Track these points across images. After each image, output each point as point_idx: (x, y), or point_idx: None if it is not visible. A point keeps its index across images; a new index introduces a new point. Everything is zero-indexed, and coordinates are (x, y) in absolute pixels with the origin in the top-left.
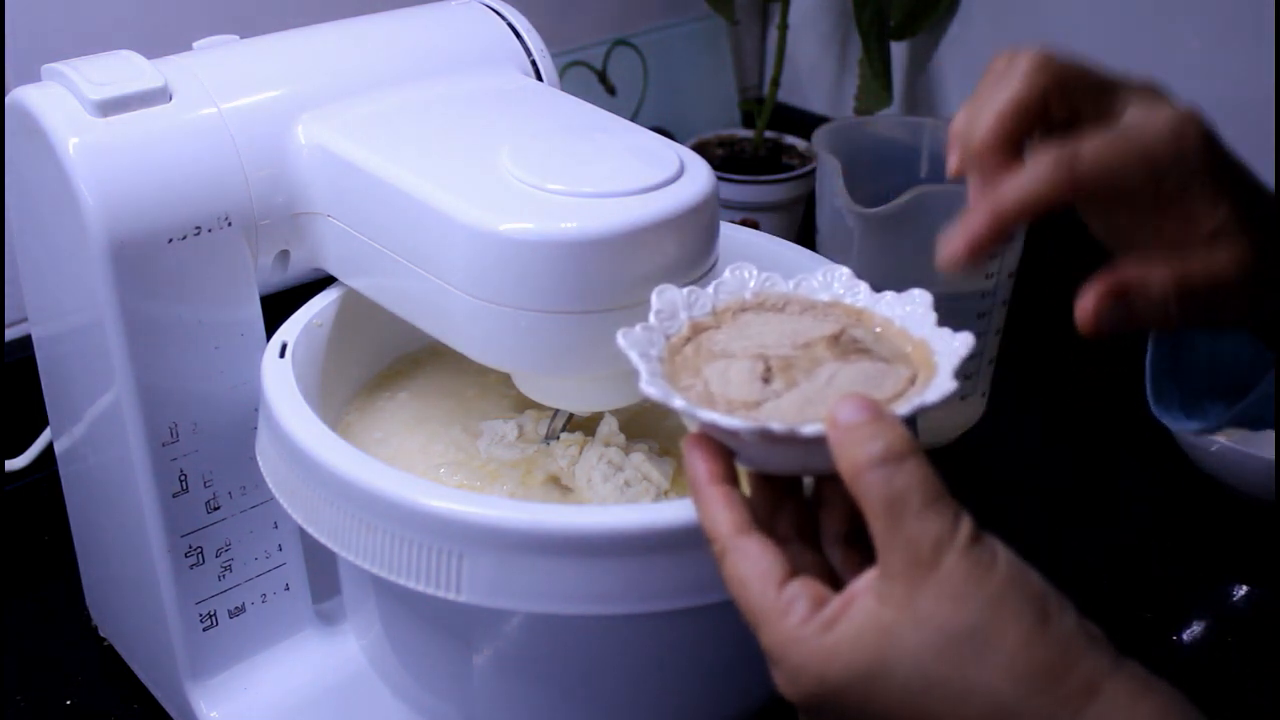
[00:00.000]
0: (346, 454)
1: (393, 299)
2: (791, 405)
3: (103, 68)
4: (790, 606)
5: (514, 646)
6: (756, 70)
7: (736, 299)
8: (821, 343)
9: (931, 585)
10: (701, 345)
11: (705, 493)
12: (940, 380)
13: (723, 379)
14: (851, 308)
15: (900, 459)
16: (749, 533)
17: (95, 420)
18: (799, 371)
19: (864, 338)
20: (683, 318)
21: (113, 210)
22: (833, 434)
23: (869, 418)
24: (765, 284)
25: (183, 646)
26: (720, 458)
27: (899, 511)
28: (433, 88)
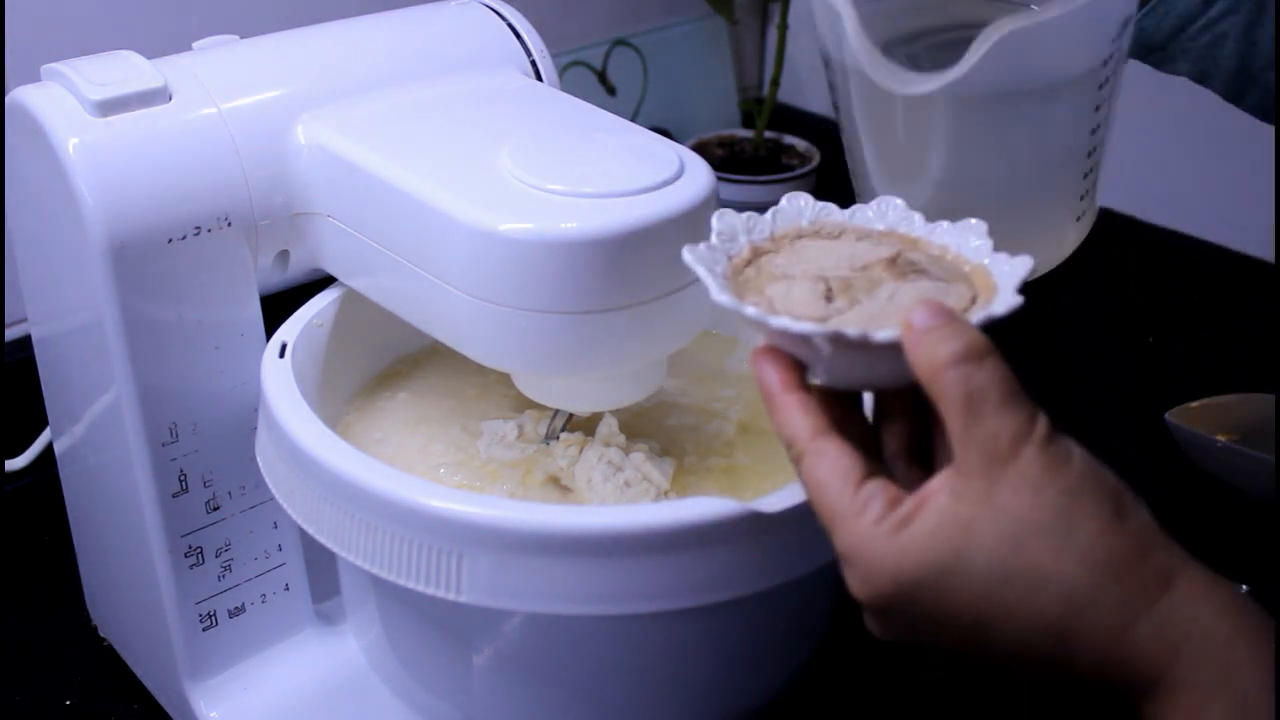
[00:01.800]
0: (346, 454)
1: (393, 299)
2: (856, 320)
3: (103, 68)
4: (866, 506)
5: (514, 647)
6: (756, 70)
7: (793, 226)
8: (879, 265)
9: (1009, 478)
10: (762, 268)
11: (780, 400)
12: (1005, 295)
13: (786, 298)
14: (907, 236)
15: (980, 356)
16: (827, 435)
17: (95, 420)
18: (859, 291)
19: (921, 260)
20: (743, 240)
21: (113, 210)
22: (909, 337)
23: (945, 320)
24: (821, 213)
25: (182, 646)
26: (791, 366)
27: (978, 407)
28: (433, 88)
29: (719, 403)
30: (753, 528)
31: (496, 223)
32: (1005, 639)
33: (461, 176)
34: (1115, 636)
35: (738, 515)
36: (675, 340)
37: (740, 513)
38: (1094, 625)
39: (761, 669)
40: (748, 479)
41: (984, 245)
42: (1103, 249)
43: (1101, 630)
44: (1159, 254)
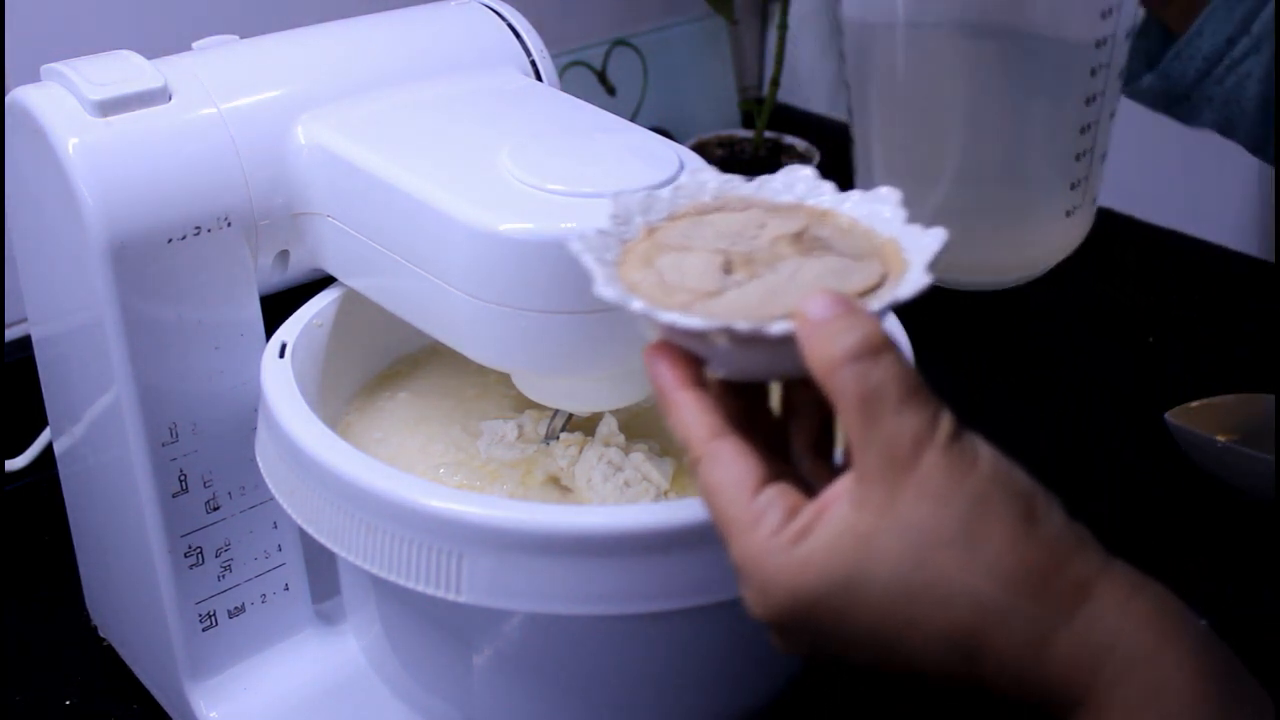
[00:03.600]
0: (346, 454)
1: (392, 299)
2: (754, 296)
3: (102, 68)
4: (762, 515)
5: (514, 646)
6: (756, 70)
7: (695, 202)
8: (784, 239)
9: (911, 486)
10: (657, 242)
11: (674, 398)
12: (913, 275)
13: (678, 269)
14: (815, 209)
15: (876, 353)
16: (724, 436)
17: (95, 420)
18: (760, 265)
19: (828, 235)
20: (638, 222)
21: (112, 210)
22: (802, 329)
23: (841, 311)
24: (725, 186)
25: (182, 646)
26: (686, 363)
27: (875, 408)
28: (433, 88)
29: None
30: None
31: (496, 223)
32: (914, 656)
33: (461, 176)
34: (1031, 653)
35: None
36: None
37: None
38: (1007, 642)
39: (761, 669)
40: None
41: (896, 216)
42: (1102, 249)
43: (1015, 647)
44: (1159, 254)
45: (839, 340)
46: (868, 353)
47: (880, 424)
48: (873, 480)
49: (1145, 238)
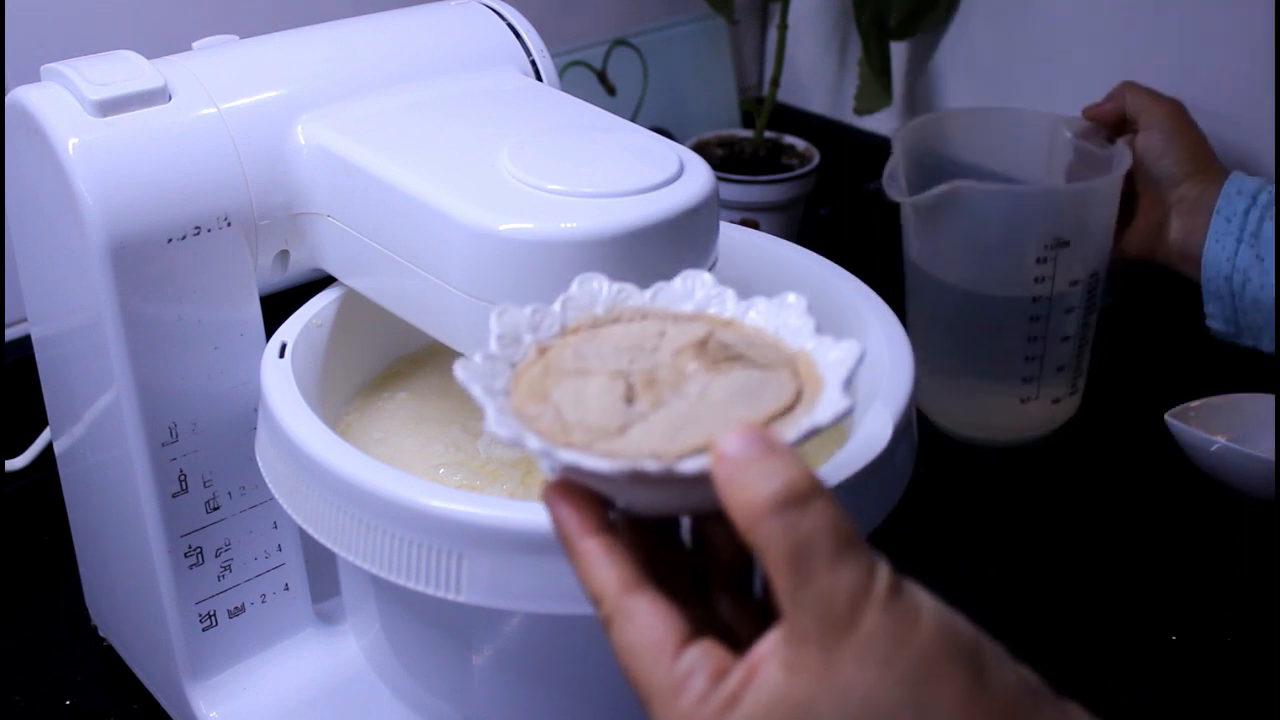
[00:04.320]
0: (346, 454)
1: (392, 299)
2: (661, 428)
3: (102, 68)
4: (686, 681)
5: (514, 646)
6: (756, 70)
7: (587, 315)
8: (687, 350)
9: (850, 648)
10: (550, 366)
11: (579, 548)
12: (830, 396)
13: (577, 402)
14: (718, 318)
15: (804, 500)
16: (637, 590)
17: (95, 420)
18: (665, 387)
19: (735, 342)
20: (528, 341)
21: (112, 210)
22: (720, 471)
23: (761, 451)
24: (619, 296)
25: (182, 646)
26: (590, 504)
27: (806, 563)
28: (432, 88)
29: None
30: None
31: (496, 222)
32: None
33: (461, 176)
34: None
35: None
36: None
37: None
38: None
39: None
40: None
41: (805, 326)
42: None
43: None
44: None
45: (761, 486)
46: (795, 500)
47: (813, 580)
48: (807, 642)
49: None
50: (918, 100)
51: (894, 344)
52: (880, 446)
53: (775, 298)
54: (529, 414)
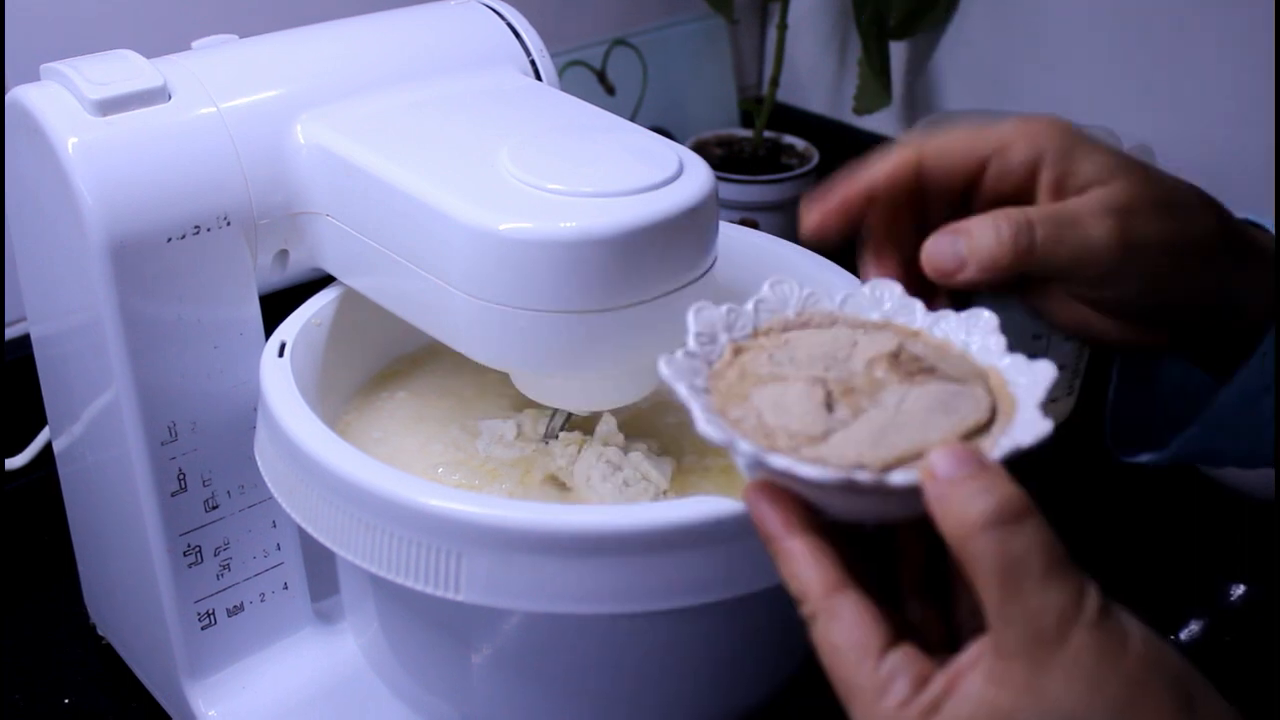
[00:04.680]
0: (345, 453)
1: (392, 299)
2: (863, 436)
3: (102, 67)
4: (889, 684)
5: (512, 646)
6: (755, 70)
7: (779, 318)
8: (881, 361)
9: (1058, 666)
10: (746, 368)
11: (786, 546)
12: (1029, 417)
13: (777, 408)
14: (905, 329)
15: (1018, 519)
16: (842, 591)
17: (94, 419)
18: (862, 395)
19: (926, 354)
20: (723, 340)
21: (112, 209)
22: (932, 489)
23: (973, 469)
24: (809, 301)
25: (181, 645)
26: (794, 504)
27: (1017, 579)
28: (432, 88)
29: None
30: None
31: (496, 222)
32: None
33: (461, 176)
34: None
35: (736, 514)
36: (674, 340)
37: (739, 512)
38: None
39: (760, 667)
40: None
41: (996, 344)
42: None
43: None
44: None
45: (974, 503)
46: (1008, 518)
47: (1022, 597)
48: (1013, 655)
49: None
50: (917, 100)
51: None
52: None
53: (966, 312)
54: (731, 416)
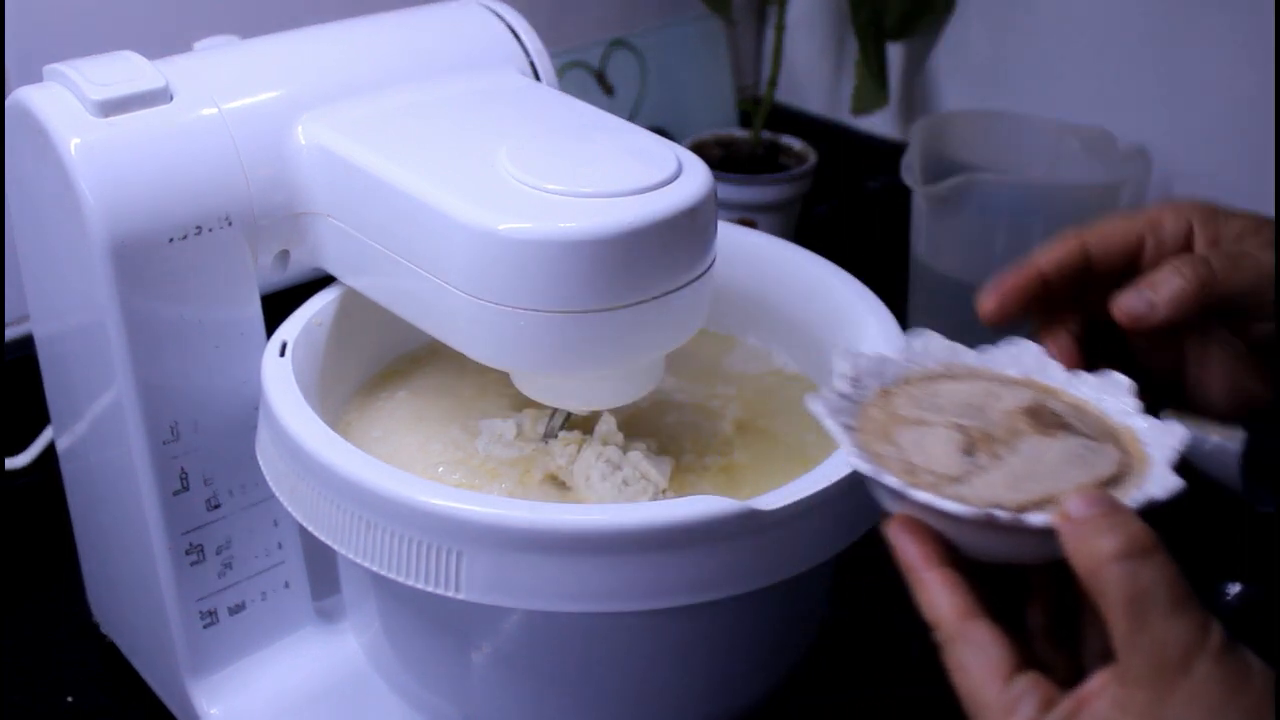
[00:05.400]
0: (346, 452)
1: (392, 299)
2: (1001, 480)
3: (104, 68)
4: (1016, 704)
5: (513, 644)
6: (754, 70)
7: (924, 369)
8: (1019, 414)
9: (1182, 694)
10: (893, 411)
11: (924, 577)
12: (1161, 472)
13: (920, 449)
14: (1043, 386)
15: (1145, 553)
16: (975, 618)
17: (96, 419)
18: (1000, 444)
19: (1063, 411)
20: (873, 385)
21: (113, 210)
22: (1065, 527)
23: (1105, 509)
24: (951, 354)
25: (183, 644)
26: (933, 539)
27: (1144, 610)
28: (432, 88)
29: (717, 401)
30: (750, 526)
31: (495, 222)
32: None
33: (460, 176)
34: None
35: (735, 513)
36: (673, 339)
37: (737, 511)
38: None
39: (759, 666)
40: (745, 477)
41: (1130, 405)
42: None
43: None
44: None
45: (1105, 538)
46: (1136, 553)
47: (1149, 627)
48: (1138, 683)
49: None
50: (914, 101)
51: (891, 343)
52: None
53: (1101, 374)
54: (877, 452)
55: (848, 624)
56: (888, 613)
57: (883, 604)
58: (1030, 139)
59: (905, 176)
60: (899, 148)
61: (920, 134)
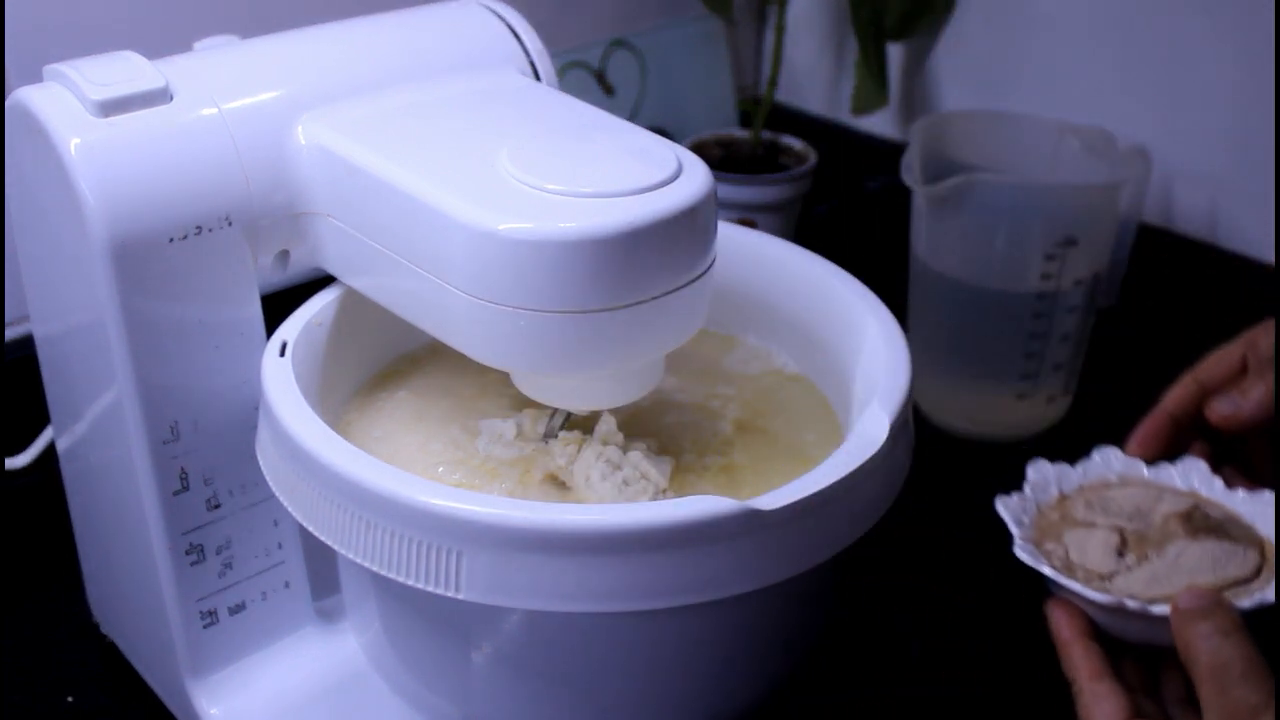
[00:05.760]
0: (346, 452)
1: (392, 299)
2: (1140, 579)
3: (104, 68)
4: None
5: (513, 644)
6: (754, 70)
7: (1101, 479)
8: (1176, 519)
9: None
10: (1067, 512)
11: (1071, 646)
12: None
13: (1081, 548)
14: (1204, 497)
15: (1226, 633)
16: (1103, 678)
17: (96, 419)
18: (1150, 546)
19: (1217, 515)
20: (1054, 491)
21: (114, 210)
22: (1174, 615)
23: (1206, 603)
24: (1128, 467)
25: (183, 644)
26: (1079, 616)
27: (1222, 677)
28: (432, 88)
29: (717, 401)
30: (750, 526)
31: (496, 222)
32: None
33: (460, 176)
34: None
35: (735, 513)
36: (673, 339)
37: (738, 511)
38: None
39: (759, 666)
40: (745, 477)
41: (1271, 518)
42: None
43: None
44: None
45: (1200, 623)
46: (1219, 632)
47: (1226, 691)
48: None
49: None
50: (914, 101)
51: (891, 343)
52: (877, 446)
53: (1256, 492)
54: (1045, 548)
55: (848, 624)
56: (888, 613)
57: (883, 604)
58: (1030, 139)
59: (905, 176)
60: (899, 148)
61: (920, 134)
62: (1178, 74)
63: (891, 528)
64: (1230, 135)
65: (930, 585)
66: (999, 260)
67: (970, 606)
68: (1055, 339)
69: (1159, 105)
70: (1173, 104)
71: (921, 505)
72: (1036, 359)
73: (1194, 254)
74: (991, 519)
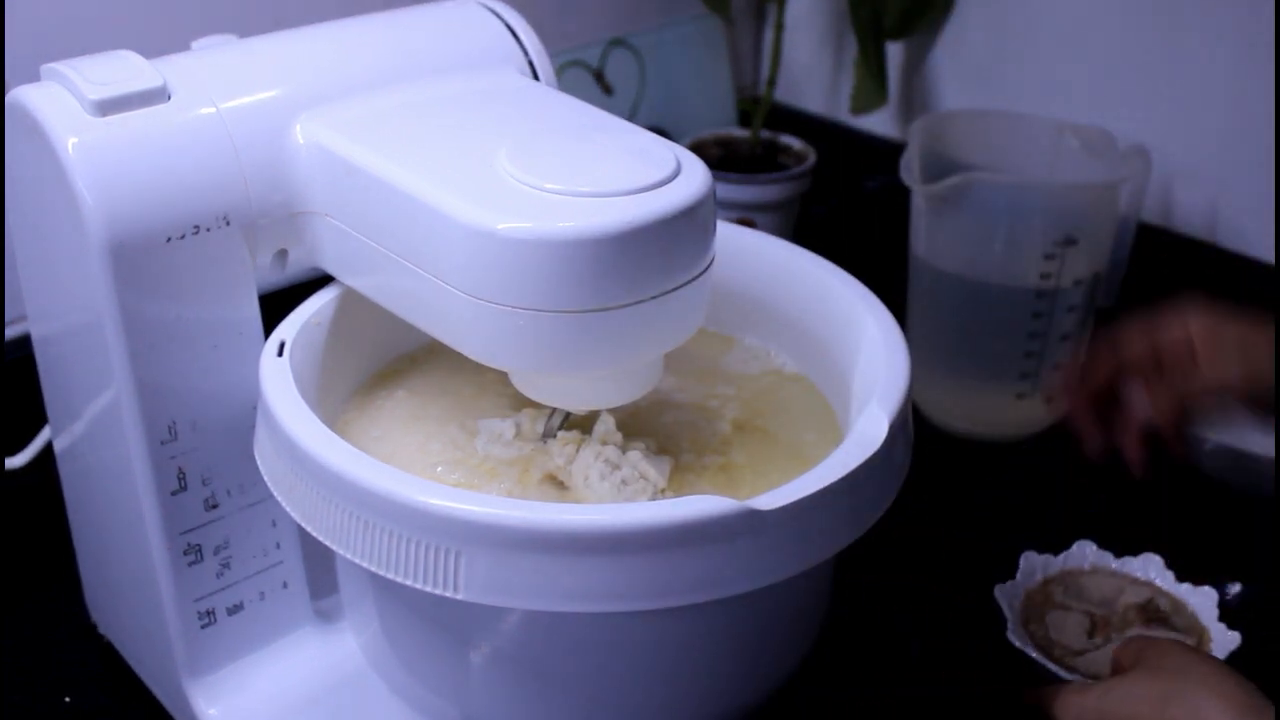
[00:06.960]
0: (344, 452)
1: (391, 298)
2: (1105, 657)
3: (102, 67)
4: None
5: (512, 644)
6: (753, 70)
7: (1077, 568)
8: (1134, 609)
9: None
10: (1050, 596)
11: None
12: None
13: (1059, 628)
14: (1159, 589)
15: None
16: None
17: (94, 419)
18: (1114, 629)
19: (1167, 608)
20: (1038, 576)
21: (111, 209)
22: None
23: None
24: (1100, 559)
25: (181, 644)
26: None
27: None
28: (431, 88)
29: (715, 401)
30: (749, 526)
31: (494, 222)
32: None
33: (459, 176)
34: None
35: (734, 513)
36: (672, 339)
37: (736, 511)
38: None
39: (759, 666)
40: (744, 477)
41: (1213, 610)
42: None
43: None
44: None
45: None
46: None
47: None
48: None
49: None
50: (914, 100)
51: (890, 343)
52: (876, 445)
53: (1201, 589)
54: (1030, 629)
55: (848, 624)
56: (888, 613)
57: (883, 604)
58: (1030, 139)
59: (904, 176)
60: (898, 147)
61: (919, 133)
62: (1178, 74)
63: (891, 527)
64: (1230, 135)
65: (930, 585)
66: (998, 260)
67: (970, 606)
68: (1055, 339)
69: (1159, 105)
70: (1173, 104)
71: (921, 505)
72: (1036, 359)
73: (1194, 253)
74: (991, 519)
